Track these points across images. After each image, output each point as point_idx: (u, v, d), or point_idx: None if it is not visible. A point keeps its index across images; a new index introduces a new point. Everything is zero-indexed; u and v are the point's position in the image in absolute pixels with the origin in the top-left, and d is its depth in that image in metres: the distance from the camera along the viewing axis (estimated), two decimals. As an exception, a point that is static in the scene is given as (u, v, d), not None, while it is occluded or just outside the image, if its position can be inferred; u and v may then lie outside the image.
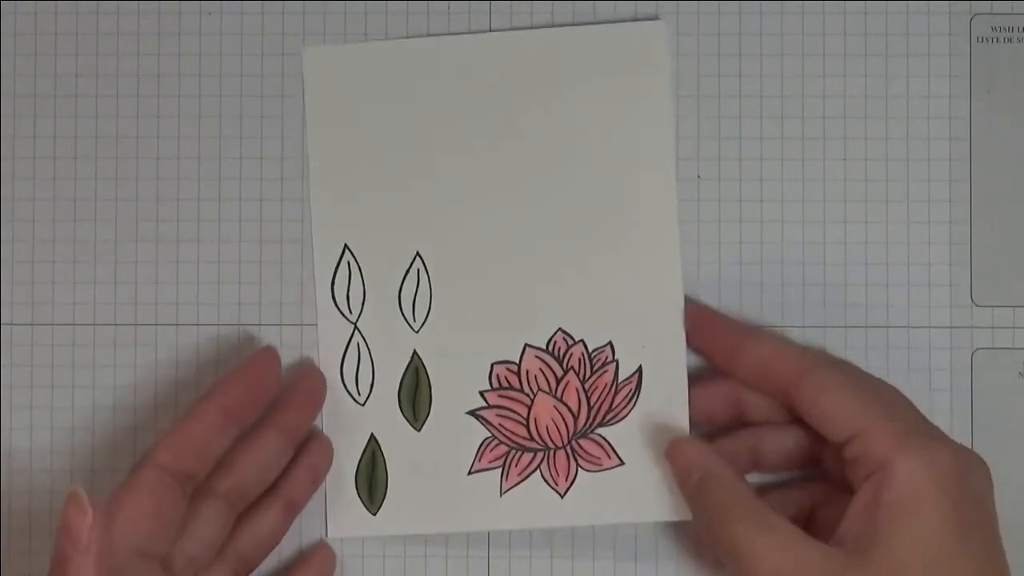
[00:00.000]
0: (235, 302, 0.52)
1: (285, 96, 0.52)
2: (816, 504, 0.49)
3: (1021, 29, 0.52)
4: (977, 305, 0.52)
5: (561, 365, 0.50)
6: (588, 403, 0.50)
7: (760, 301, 0.52)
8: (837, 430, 0.46)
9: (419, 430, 0.50)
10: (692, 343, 0.50)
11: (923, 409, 0.49)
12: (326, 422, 0.51)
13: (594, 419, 0.50)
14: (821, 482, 0.49)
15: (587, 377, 0.50)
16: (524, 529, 0.50)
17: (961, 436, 0.51)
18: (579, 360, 0.50)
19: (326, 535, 0.51)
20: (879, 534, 0.43)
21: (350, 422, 0.51)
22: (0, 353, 0.52)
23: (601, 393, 0.50)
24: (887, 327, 0.52)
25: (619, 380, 0.50)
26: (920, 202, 0.52)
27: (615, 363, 0.50)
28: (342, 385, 0.51)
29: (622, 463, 0.50)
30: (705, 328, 0.50)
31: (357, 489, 0.50)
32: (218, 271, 0.52)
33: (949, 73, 0.52)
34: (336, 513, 0.51)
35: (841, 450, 0.46)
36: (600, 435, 0.50)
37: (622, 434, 0.50)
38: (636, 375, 0.50)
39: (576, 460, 0.50)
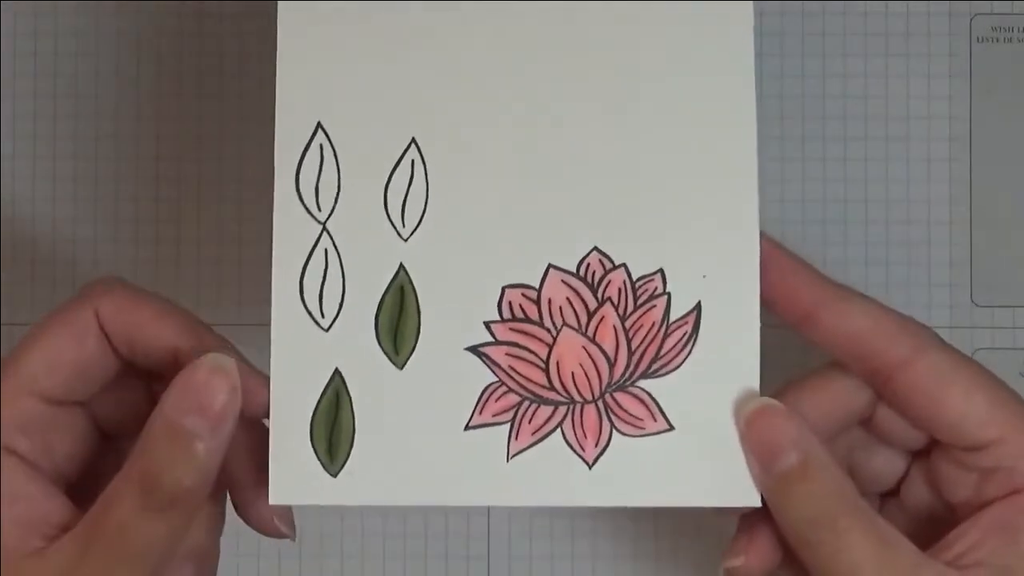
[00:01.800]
0: (236, 302, 0.52)
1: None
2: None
3: (1021, 29, 0.52)
4: (977, 305, 0.52)
5: (595, 295, 0.39)
6: (629, 346, 0.39)
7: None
8: (966, 434, 0.38)
9: (401, 367, 0.39)
10: (762, 291, 0.40)
11: (923, 409, 0.48)
12: (276, 350, 0.39)
13: (636, 367, 0.39)
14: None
15: (628, 312, 0.39)
16: (537, 507, 0.41)
17: (961, 436, 0.51)
18: (619, 290, 0.39)
19: (267, 500, 0.39)
20: None
21: (308, 351, 0.39)
22: (0, 353, 0.52)
23: (647, 334, 0.39)
24: (887, 327, 0.52)
25: (671, 319, 0.39)
26: (920, 202, 0.52)
27: (666, 296, 0.39)
28: (301, 302, 0.39)
29: (671, 428, 0.39)
30: (779, 275, 0.40)
31: (312, 441, 0.38)
32: (218, 271, 0.52)
33: (949, 73, 0.52)
34: (281, 472, 0.38)
35: (961, 455, 0.38)
36: (643, 388, 0.39)
37: (672, 389, 0.39)
38: (694, 314, 0.39)
39: (611, 419, 0.39)
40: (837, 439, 0.40)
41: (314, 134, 0.39)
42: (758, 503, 0.38)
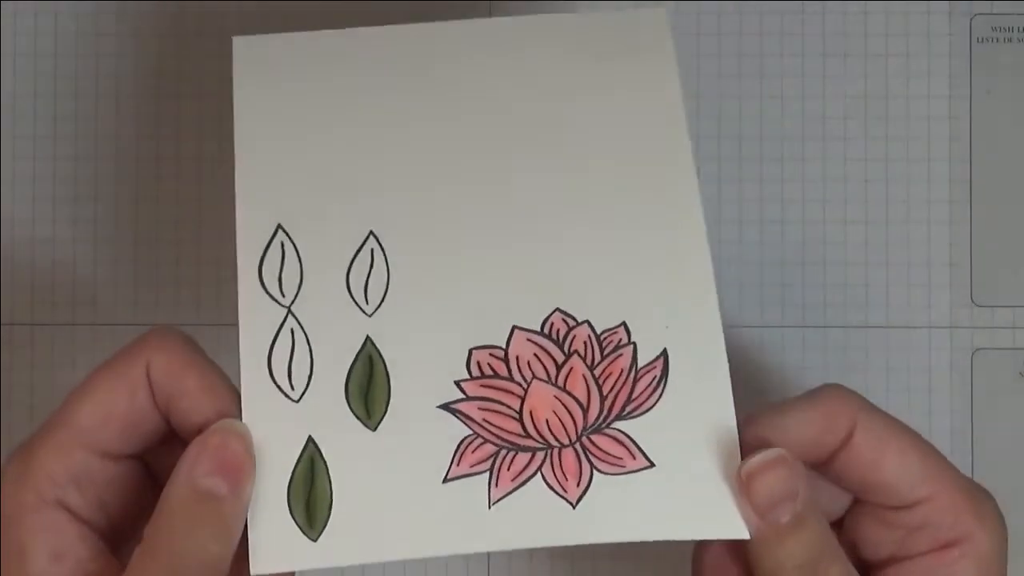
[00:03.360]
0: (236, 302, 0.52)
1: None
2: None
3: (1021, 29, 0.52)
4: (977, 305, 0.52)
5: (562, 349, 0.40)
6: (600, 392, 0.39)
7: (760, 301, 0.52)
8: (899, 494, 0.39)
9: (374, 429, 0.39)
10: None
11: (923, 409, 0.49)
12: (249, 424, 0.39)
13: (610, 411, 0.39)
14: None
15: (596, 362, 0.40)
16: (525, 548, 0.39)
17: (961, 436, 0.51)
18: (585, 343, 0.40)
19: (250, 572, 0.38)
20: None
21: (280, 422, 0.39)
22: (0, 353, 0.52)
23: (616, 380, 0.39)
24: (887, 327, 0.52)
25: (639, 365, 0.40)
26: (920, 202, 0.52)
27: (632, 346, 0.40)
28: (270, 378, 0.39)
29: (651, 464, 0.39)
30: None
31: (290, 508, 0.38)
32: (218, 271, 0.52)
33: (949, 73, 0.52)
34: (261, 541, 0.37)
35: (887, 514, 0.39)
36: (619, 429, 0.39)
37: (648, 428, 0.39)
38: (661, 360, 0.40)
39: (590, 460, 0.39)
40: None
41: (275, 234, 0.41)
42: (747, 535, 0.38)
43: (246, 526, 0.37)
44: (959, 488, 0.39)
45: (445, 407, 0.39)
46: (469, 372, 0.39)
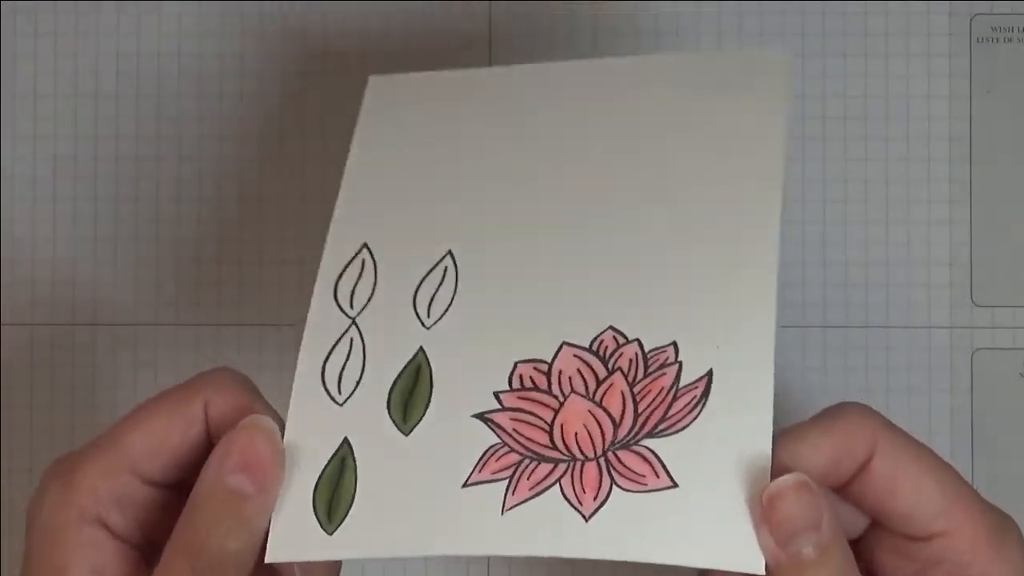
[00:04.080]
0: (236, 302, 0.52)
1: (284, 96, 0.53)
2: None
3: (1021, 29, 0.52)
4: (977, 305, 0.52)
5: (605, 366, 0.39)
6: (635, 409, 0.38)
7: (760, 301, 0.52)
8: (915, 524, 0.37)
9: (407, 434, 0.39)
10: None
11: (923, 409, 0.49)
12: (291, 422, 0.40)
13: (641, 428, 0.38)
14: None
15: (638, 379, 0.39)
16: (529, 556, 0.39)
17: (961, 436, 0.51)
18: (630, 361, 0.39)
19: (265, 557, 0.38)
20: None
21: (321, 422, 0.40)
22: (0, 353, 0.52)
23: (655, 398, 0.38)
24: (887, 327, 0.52)
25: (680, 384, 0.38)
26: (920, 202, 0.52)
27: (678, 365, 0.39)
28: (321, 382, 0.40)
29: (674, 485, 0.37)
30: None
31: (314, 503, 0.39)
32: (218, 271, 0.52)
33: (949, 73, 0.52)
34: (280, 531, 0.38)
35: (906, 544, 0.38)
36: (647, 447, 0.38)
37: (678, 449, 0.38)
38: (704, 379, 0.38)
39: (611, 475, 0.38)
40: None
41: (359, 251, 0.42)
42: (762, 571, 0.35)
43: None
44: (979, 521, 0.37)
45: (479, 416, 0.39)
46: (510, 384, 0.39)
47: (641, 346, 0.39)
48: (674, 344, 0.39)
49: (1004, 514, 0.38)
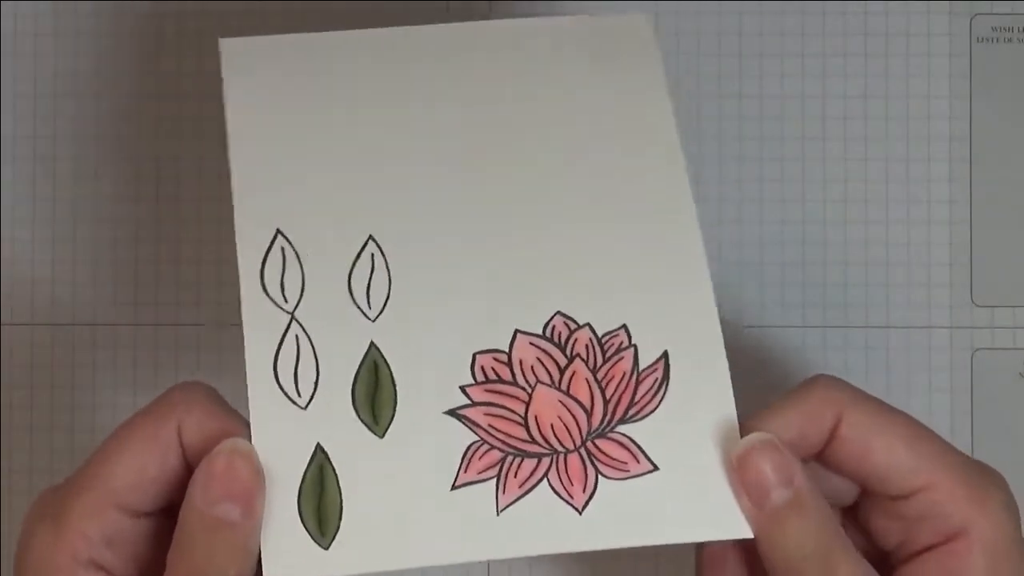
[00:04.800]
0: (236, 302, 0.52)
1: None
2: None
3: (1021, 29, 0.52)
4: (977, 305, 0.52)
5: (564, 353, 0.40)
6: (603, 395, 0.40)
7: (760, 301, 0.52)
8: (891, 484, 0.38)
9: (381, 436, 0.39)
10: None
11: (923, 409, 0.49)
12: (257, 434, 0.38)
13: (613, 415, 0.39)
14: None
15: (598, 365, 0.40)
16: (533, 556, 0.40)
17: (961, 436, 0.51)
18: (586, 346, 0.40)
19: None
20: None
21: (289, 430, 0.39)
22: (0, 353, 0.52)
23: (619, 383, 0.40)
24: (887, 327, 0.52)
25: (640, 367, 0.40)
26: (920, 202, 0.52)
27: (632, 348, 0.40)
28: (277, 385, 0.39)
29: (655, 468, 0.39)
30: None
31: (301, 516, 0.38)
32: (218, 271, 0.52)
33: (949, 73, 0.52)
34: (274, 550, 0.37)
35: (889, 504, 0.39)
36: (623, 433, 0.39)
37: (652, 432, 0.39)
38: (662, 361, 0.40)
39: (595, 465, 0.39)
40: None
41: (274, 239, 0.41)
42: (750, 535, 0.37)
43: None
44: (956, 475, 0.38)
45: (451, 413, 0.39)
46: (474, 377, 0.40)
47: (593, 330, 0.40)
48: (624, 328, 0.40)
49: (987, 468, 0.39)
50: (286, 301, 0.40)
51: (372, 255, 0.40)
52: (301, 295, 0.40)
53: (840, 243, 0.52)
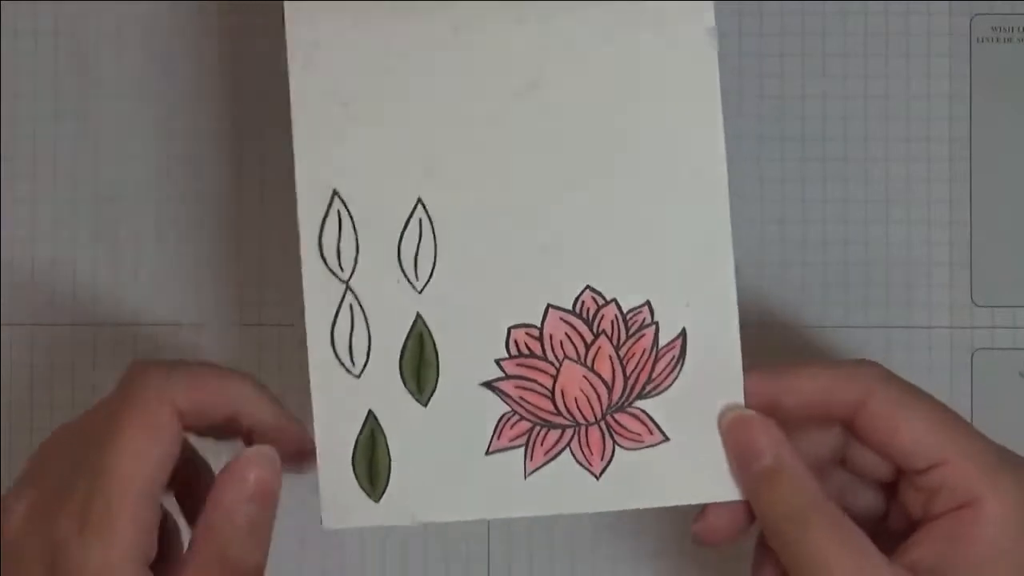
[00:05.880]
0: (236, 302, 0.52)
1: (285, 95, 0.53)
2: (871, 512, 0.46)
3: (1021, 29, 0.52)
4: (977, 305, 0.52)
5: (591, 329, 0.44)
6: (624, 372, 0.44)
7: (760, 301, 0.52)
8: (914, 459, 0.42)
9: (425, 404, 0.44)
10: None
11: (923, 409, 0.48)
12: (316, 398, 0.43)
13: (632, 390, 0.44)
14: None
15: (622, 342, 0.44)
16: (554, 515, 0.44)
17: (961, 436, 0.51)
18: (612, 323, 0.44)
19: (322, 525, 0.44)
20: (969, 573, 0.41)
21: (344, 396, 0.44)
22: (0, 353, 0.52)
23: (639, 360, 0.44)
24: (887, 327, 0.52)
25: (660, 345, 0.44)
26: (920, 202, 0.52)
27: (654, 325, 0.44)
28: (333, 354, 0.44)
29: (667, 439, 0.44)
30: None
31: (355, 473, 0.44)
32: (218, 271, 0.52)
33: (949, 73, 0.52)
34: (332, 501, 0.43)
35: (914, 478, 0.43)
36: (640, 408, 0.44)
37: (666, 407, 0.44)
38: (679, 339, 0.44)
39: (612, 437, 0.44)
40: (829, 480, 0.45)
41: (331, 202, 0.44)
42: (737, 496, 0.43)
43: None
44: (974, 454, 0.41)
45: (487, 385, 0.44)
46: (508, 351, 0.44)
47: (619, 307, 0.44)
48: (648, 304, 0.44)
49: (1007, 451, 0.42)
50: (342, 270, 0.44)
51: (420, 220, 0.44)
52: (355, 264, 0.44)
53: (840, 243, 0.52)
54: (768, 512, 0.42)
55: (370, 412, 0.44)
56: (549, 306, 0.44)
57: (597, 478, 0.44)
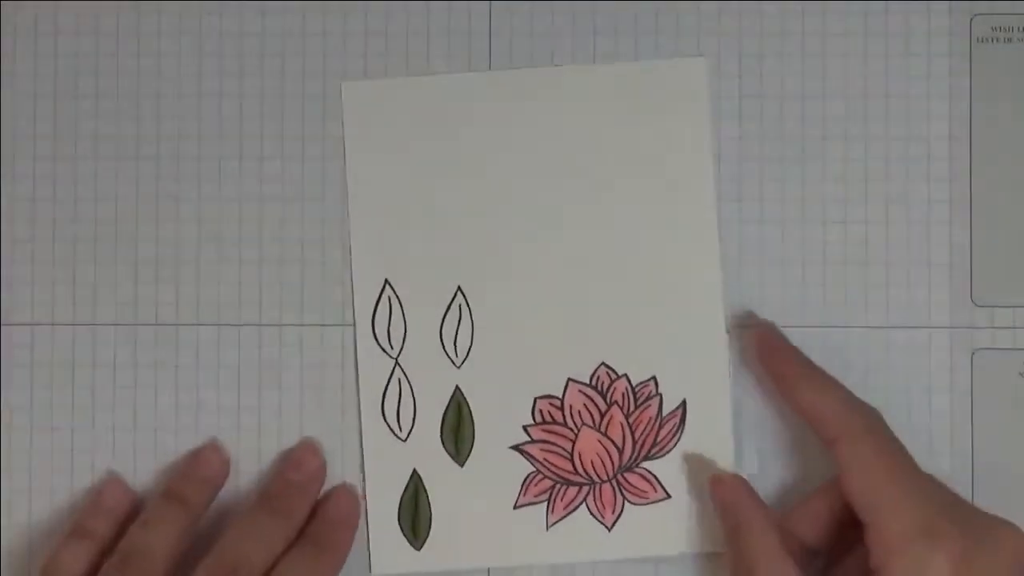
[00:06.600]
0: (235, 302, 0.52)
1: (286, 96, 0.53)
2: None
3: (1021, 29, 0.52)
4: (977, 305, 0.52)
5: (604, 399, 0.51)
6: (633, 437, 0.51)
7: (760, 301, 0.52)
8: (859, 511, 0.46)
9: (462, 465, 0.51)
10: (759, 365, 0.51)
11: (923, 409, 0.49)
12: (368, 459, 0.51)
13: (639, 453, 0.51)
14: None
15: (631, 411, 0.51)
16: (571, 563, 0.51)
17: (961, 436, 0.51)
18: (623, 395, 0.51)
19: (369, 571, 0.51)
20: None
21: (392, 458, 0.51)
22: (0, 353, 0.52)
23: (646, 427, 0.51)
24: (887, 327, 0.52)
25: (663, 414, 0.51)
26: (920, 202, 0.52)
27: (659, 397, 0.51)
28: (383, 421, 0.51)
29: (668, 496, 0.51)
30: (771, 354, 0.50)
31: (400, 525, 0.51)
32: (218, 271, 0.52)
33: (949, 73, 0.52)
34: (379, 549, 0.51)
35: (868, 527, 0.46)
36: (646, 469, 0.51)
37: (668, 467, 0.51)
38: (680, 409, 0.51)
39: (623, 494, 0.51)
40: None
41: (383, 289, 0.51)
42: (719, 549, 0.50)
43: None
44: (895, 522, 0.45)
45: (516, 448, 0.51)
46: (534, 418, 0.51)
47: (629, 380, 0.51)
48: (654, 379, 0.51)
49: (951, 510, 0.45)
50: (391, 348, 0.51)
51: (460, 307, 0.51)
52: (403, 343, 0.51)
53: (840, 243, 0.52)
54: (735, 561, 0.47)
55: (414, 471, 0.51)
56: (569, 380, 0.51)
57: (609, 529, 0.51)
